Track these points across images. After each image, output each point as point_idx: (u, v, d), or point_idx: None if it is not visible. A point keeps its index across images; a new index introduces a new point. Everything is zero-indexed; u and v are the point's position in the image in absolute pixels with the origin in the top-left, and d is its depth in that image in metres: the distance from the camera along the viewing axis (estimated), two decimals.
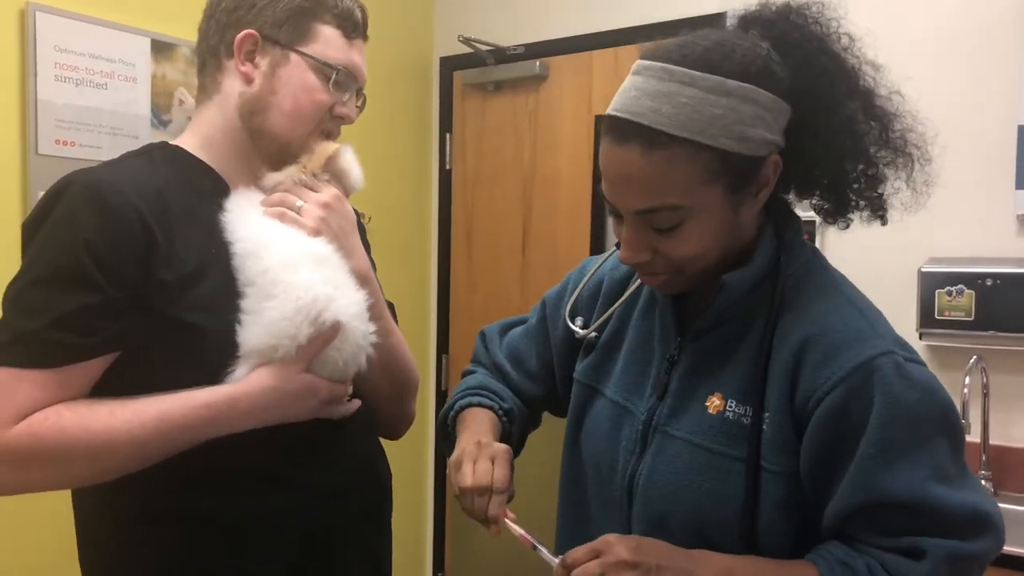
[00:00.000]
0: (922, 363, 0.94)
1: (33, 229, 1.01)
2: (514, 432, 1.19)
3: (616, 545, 0.89)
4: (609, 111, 0.94)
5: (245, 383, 1.02)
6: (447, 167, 3.12)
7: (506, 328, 1.30)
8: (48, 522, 1.77)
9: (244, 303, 1.04)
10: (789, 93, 0.94)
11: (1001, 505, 2.00)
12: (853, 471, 0.88)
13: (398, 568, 1.31)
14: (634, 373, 1.07)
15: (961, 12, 2.15)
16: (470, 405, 1.18)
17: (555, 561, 0.93)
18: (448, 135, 3.11)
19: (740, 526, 0.92)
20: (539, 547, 0.98)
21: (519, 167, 2.93)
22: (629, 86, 0.94)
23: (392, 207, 2.96)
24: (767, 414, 0.92)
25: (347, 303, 1.08)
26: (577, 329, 1.14)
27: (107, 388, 1.00)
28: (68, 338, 0.96)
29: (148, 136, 2.17)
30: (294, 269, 1.05)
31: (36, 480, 0.99)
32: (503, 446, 1.07)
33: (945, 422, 0.91)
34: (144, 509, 1.04)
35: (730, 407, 0.95)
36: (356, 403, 1.14)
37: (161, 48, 2.21)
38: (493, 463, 1.02)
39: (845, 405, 0.88)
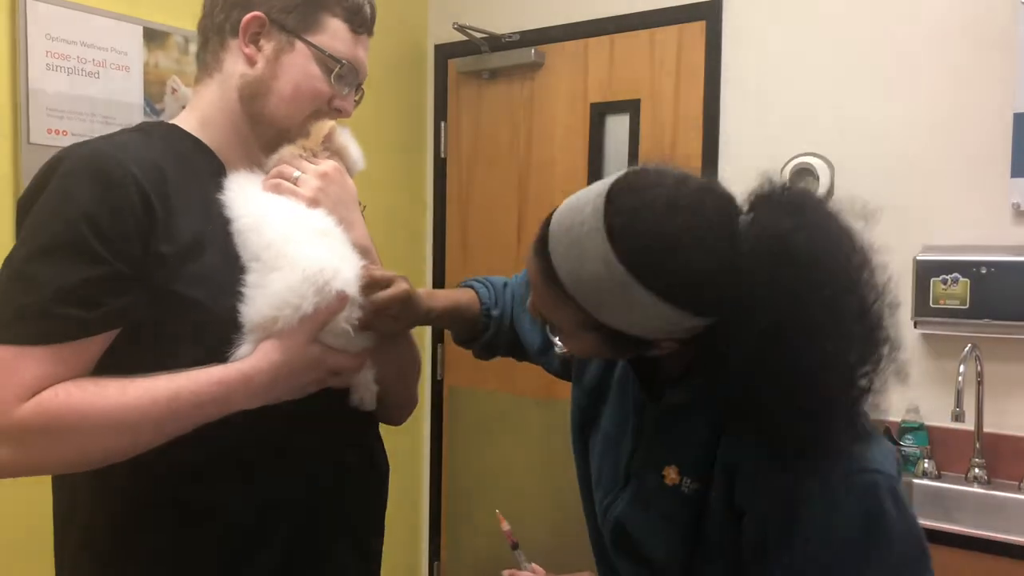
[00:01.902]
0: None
1: (29, 203, 0.99)
2: (488, 334, 1.20)
3: None
4: (552, 219, 0.90)
5: (255, 359, 1.01)
6: (442, 155, 3.10)
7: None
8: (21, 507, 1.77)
9: (249, 278, 1.02)
10: (718, 304, 0.83)
11: (995, 493, 2.02)
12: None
13: (394, 557, 1.31)
14: (615, 424, 1.09)
15: (958, 0, 2.14)
16: (466, 285, 1.23)
17: (527, 570, 1.01)
18: (443, 123, 3.09)
19: None
20: (518, 550, 1.02)
21: (514, 155, 2.93)
22: (578, 217, 0.86)
23: (387, 195, 2.95)
24: (713, 493, 0.93)
25: (354, 275, 1.06)
26: (559, 344, 1.05)
27: (112, 367, 0.99)
28: (72, 312, 0.94)
29: None
30: (297, 243, 1.04)
31: (46, 459, 0.96)
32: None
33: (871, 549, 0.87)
34: (141, 496, 1.03)
35: (685, 483, 0.96)
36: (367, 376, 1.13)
37: (154, 36, 2.19)
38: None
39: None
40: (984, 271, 2.03)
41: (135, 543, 1.04)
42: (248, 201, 1.08)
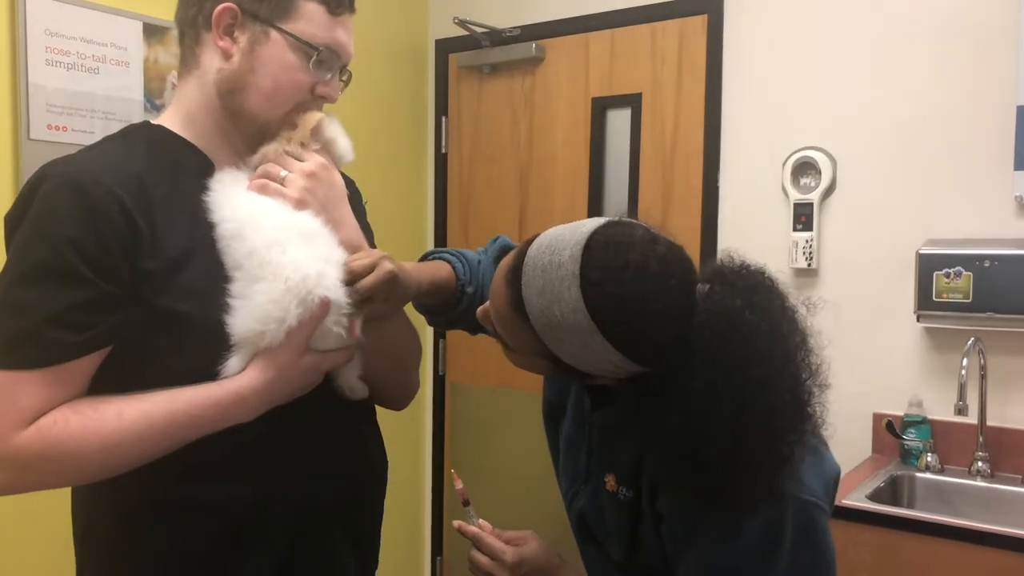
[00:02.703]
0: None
1: (14, 223, 0.99)
2: (460, 308, 1.22)
3: (513, 554, 1.08)
4: (528, 255, 0.94)
5: (249, 377, 1.01)
6: (443, 151, 3.10)
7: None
8: (47, 521, 1.77)
9: (233, 288, 1.02)
10: (664, 363, 0.91)
11: (998, 486, 2.02)
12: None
13: (397, 553, 1.31)
14: (575, 425, 1.17)
15: None
16: (438, 257, 1.25)
17: (475, 525, 1.12)
18: (444, 118, 3.09)
19: None
20: (469, 507, 1.14)
21: (515, 150, 2.92)
22: (555, 259, 0.91)
23: (387, 191, 2.94)
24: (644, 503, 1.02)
25: (338, 277, 1.05)
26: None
27: (102, 381, 1.00)
28: (63, 335, 0.95)
29: None
30: (281, 248, 1.02)
31: (43, 483, 0.98)
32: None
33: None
34: (144, 497, 1.03)
35: (622, 491, 1.04)
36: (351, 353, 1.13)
37: (153, 32, 2.19)
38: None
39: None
40: (987, 264, 2.02)
41: (135, 542, 1.05)
42: (231, 204, 1.06)
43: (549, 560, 1.11)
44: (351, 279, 1.05)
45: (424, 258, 1.30)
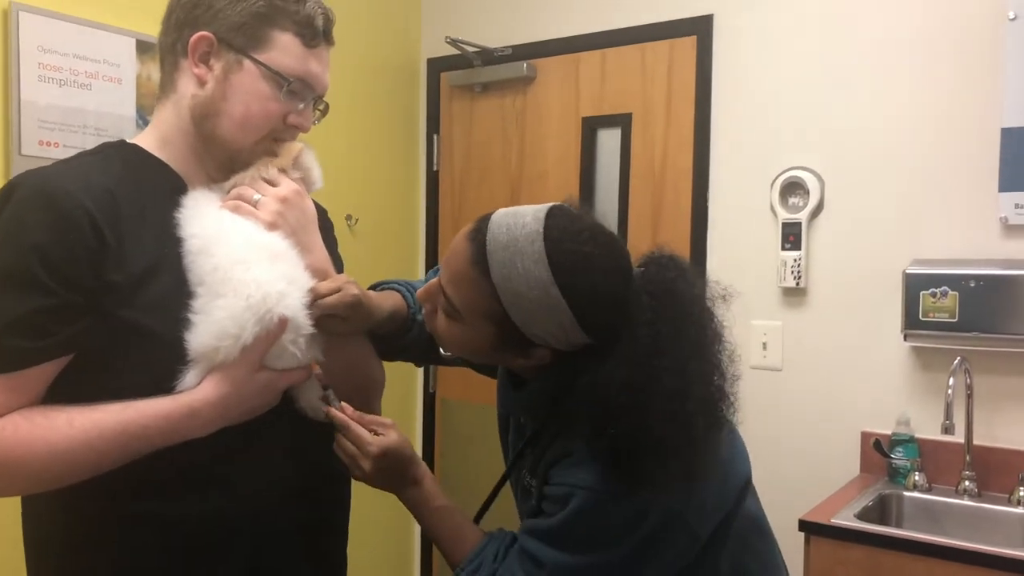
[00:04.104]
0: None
1: None
2: (411, 335, 1.25)
3: (378, 446, 1.12)
4: (492, 218, 1.03)
5: (203, 391, 1.01)
6: (434, 168, 3.11)
7: None
8: None
9: (195, 303, 1.02)
10: (606, 330, 1.00)
11: (985, 506, 2.03)
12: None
13: (385, 572, 1.31)
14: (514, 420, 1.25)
15: (945, 16, 2.16)
16: (388, 287, 1.28)
17: (338, 409, 1.14)
18: (435, 136, 3.10)
19: None
20: (330, 391, 1.14)
21: (506, 168, 2.93)
22: (519, 220, 1.01)
23: (380, 208, 2.95)
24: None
25: (301, 297, 1.06)
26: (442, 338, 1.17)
27: (60, 391, 1.00)
28: (20, 343, 0.95)
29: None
30: (245, 266, 1.03)
31: None
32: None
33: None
34: (100, 512, 1.03)
35: (526, 477, 1.13)
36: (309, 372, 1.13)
37: (147, 48, 2.19)
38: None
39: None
40: (973, 284, 2.04)
41: (90, 557, 1.04)
42: (200, 221, 1.07)
43: (407, 452, 1.16)
44: (314, 300, 1.08)
45: (373, 288, 1.32)
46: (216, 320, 1.01)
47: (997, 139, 2.07)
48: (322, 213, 1.26)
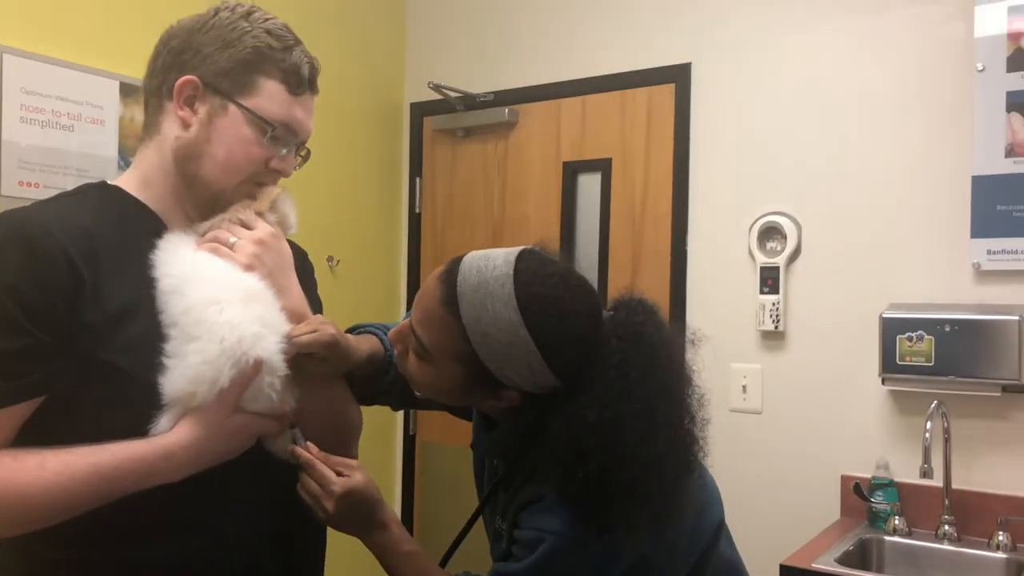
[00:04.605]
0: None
1: None
2: (387, 378, 1.24)
3: (342, 486, 1.09)
4: (463, 260, 1.04)
5: (177, 435, 1.00)
6: (416, 211, 3.13)
7: None
8: None
9: (168, 346, 1.02)
10: (575, 372, 1.01)
11: (963, 550, 2.03)
12: None
13: None
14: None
15: (917, 67, 2.22)
16: (365, 331, 1.28)
17: (303, 447, 1.11)
18: (418, 179, 3.12)
19: None
20: (296, 429, 1.12)
21: (488, 212, 2.96)
22: (489, 263, 1.02)
23: (361, 249, 2.95)
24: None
25: (276, 340, 1.06)
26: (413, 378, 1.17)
27: (33, 433, 0.98)
28: None
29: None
30: (219, 307, 1.03)
31: None
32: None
33: None
34: (69, 557, 1.01)
35: (497, 521, 1.13)
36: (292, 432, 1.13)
37: (130, 91, 2.21)
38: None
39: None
40: (948, 329, 2.07)
41: None
42: (175, 261, 1.07)
43: (372, 495, 1.13)
44: (290, 340, 1.08)
45: (350, 332, 1.32)
46: (191, 365, 1.00)
47: (968, 187, 2.12)
48: (302, 256, 1.26)
